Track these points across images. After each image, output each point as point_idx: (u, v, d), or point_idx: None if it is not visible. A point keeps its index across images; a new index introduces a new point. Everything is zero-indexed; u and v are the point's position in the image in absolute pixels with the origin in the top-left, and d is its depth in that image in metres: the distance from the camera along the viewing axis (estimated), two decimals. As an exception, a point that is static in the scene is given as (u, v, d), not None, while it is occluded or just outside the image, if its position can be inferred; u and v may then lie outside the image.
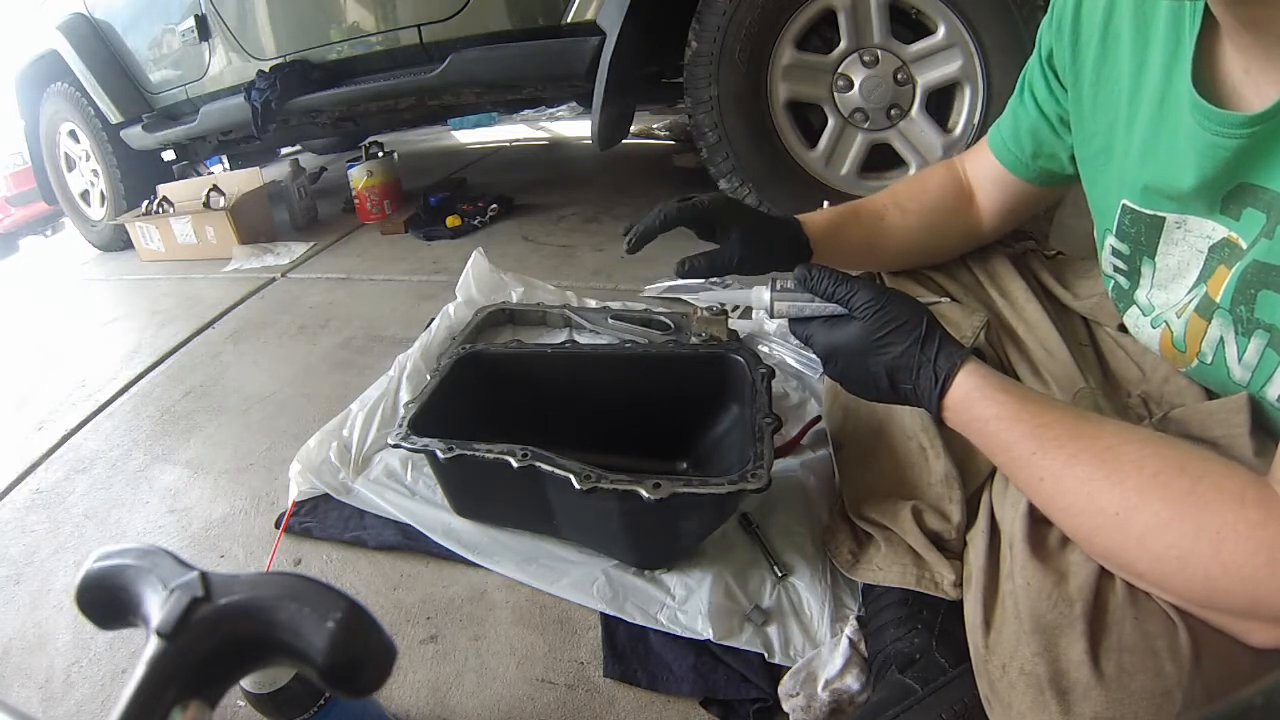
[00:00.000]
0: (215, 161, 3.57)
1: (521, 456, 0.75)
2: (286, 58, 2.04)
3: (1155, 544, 0.44)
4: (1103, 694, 0.46)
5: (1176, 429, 0.56)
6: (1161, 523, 0.43)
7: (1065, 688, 0.48)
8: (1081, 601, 0.48)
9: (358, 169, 2.42)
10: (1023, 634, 0.50)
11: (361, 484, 1.02)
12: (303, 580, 0.31)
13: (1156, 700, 0.45)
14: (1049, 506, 0.50)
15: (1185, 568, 0.43)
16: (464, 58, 1.72)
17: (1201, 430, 0.55)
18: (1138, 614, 0.47)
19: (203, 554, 1.00)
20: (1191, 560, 0.42)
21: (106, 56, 2.49)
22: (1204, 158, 0.49)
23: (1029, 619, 0.50)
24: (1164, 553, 0.43)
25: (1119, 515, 0.45)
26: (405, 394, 1.20)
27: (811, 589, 0.76)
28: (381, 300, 1.77)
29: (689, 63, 1.49)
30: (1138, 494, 0.45)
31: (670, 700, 0.70)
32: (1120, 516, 0.45)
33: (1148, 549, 0.44)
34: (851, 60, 1.41)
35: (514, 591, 0.84)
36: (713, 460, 0.90)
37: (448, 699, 0.74)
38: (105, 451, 1.31)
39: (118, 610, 0.32)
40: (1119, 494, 0.45)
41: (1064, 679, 0.48)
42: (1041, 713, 0.48)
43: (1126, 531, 0.45)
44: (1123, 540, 0.45)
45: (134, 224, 2.49)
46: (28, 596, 0.98)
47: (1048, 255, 0.82)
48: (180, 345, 1.72)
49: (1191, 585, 0.43)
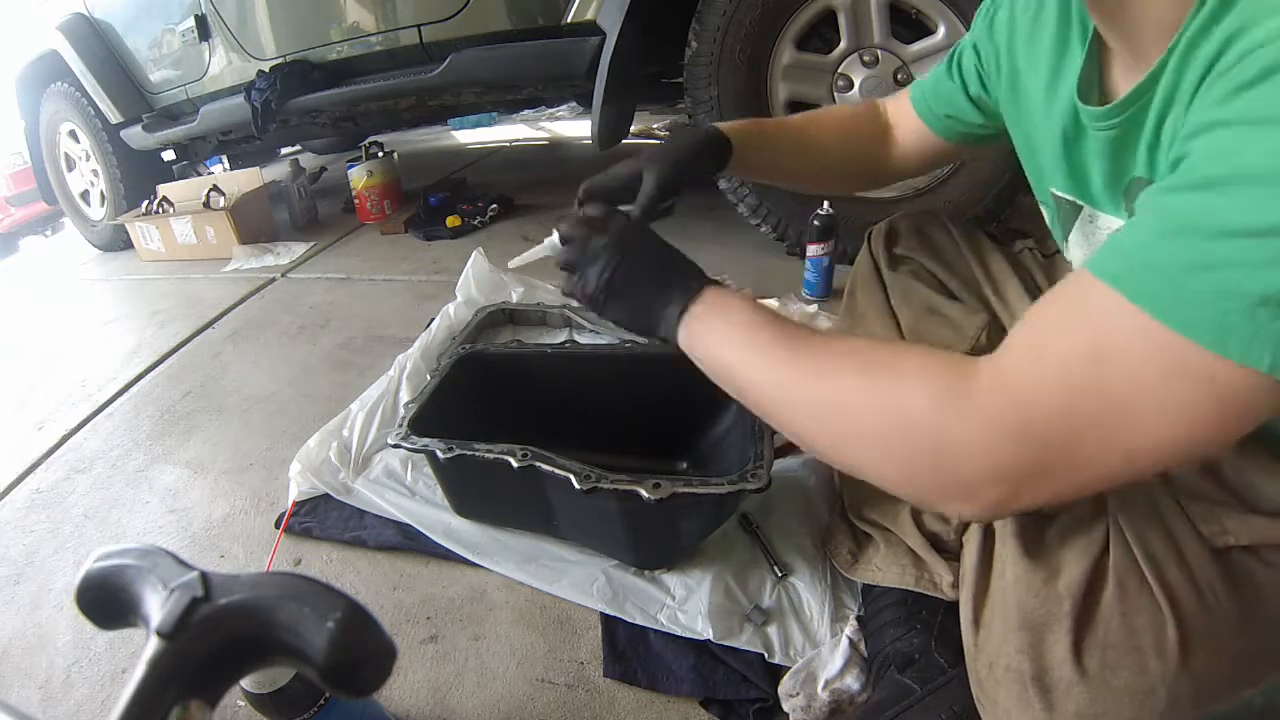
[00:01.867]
0: (215, 161, 3.57)
1: (521, 456, 0.75)
2: (286, 58, 2.04)
3: (853, 421, 0.44)
4: (1085, 691, 0.46)
5: None
6: (855, 398, 0.44)
7: (1048, 685, 0.48)
8: (1071, 599, 0.48)
9: (358, 169, 2.42)
10: (1010, 631, 0.50)
11: (361, 484, 1.02)
12: (303, 580, 0.31)
13: (1140, 697, 0.46)
14: (770, 414, 0.50)
15: (883, 443, 0.43)
16: (464, 58, 1.72)
17: None
18: (1125, 609, 0.47)
19: (203, 554, 1.00)
20: (884, 429, 0.42)
21: (106, 56, 2.49)
22: (1096, 155, 0.52)
23: (1016, 615, 0.50)
24: (862, 430, 0.44)
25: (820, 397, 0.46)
26: (405, 394, 1.20)
27: (811, 589, 0.76)
28: (381, 300, 1.77)
29: (689, 63, 1.49)
30: (835, 373, 0.46)
31: (670, 700, 0.70)
32: (820, 402, 0.46)
33: (850, 428, 0.44)
34: (851, 60, 1.41)
35: (514, 591, 0.84)
36: (713, 460, 0.90)
37: (448, 699, 0.74)
38: (105, 451, 1.31)
39: (118, 610, 0.32)
40: (818, 380, 0.46)
41: (1047, 676, 0.48)
42: (1025, 710, 0.48)
43: (829, 415, 0.45)
44: (832, 425, 0.46)
45: (134, 224, 2.49)
46: (28, 596, 0.98)
47: (1045, 255, 0.82)
48: (180, 345, 1.72)
49: (891, 458, 0.43)
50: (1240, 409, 0.34)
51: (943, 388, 0.41)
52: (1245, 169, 0.32)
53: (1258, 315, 0.31)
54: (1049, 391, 0.38)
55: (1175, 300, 0.33)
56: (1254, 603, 0.47)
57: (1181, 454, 0.36)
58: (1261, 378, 0.32)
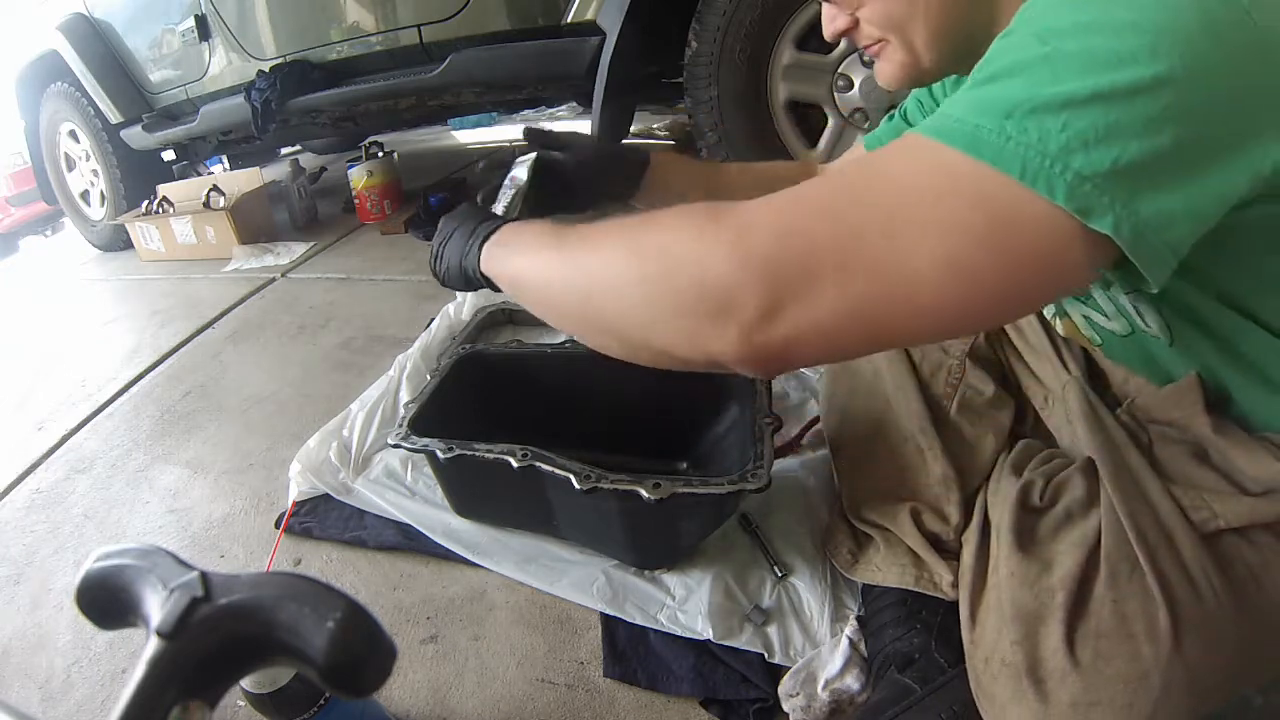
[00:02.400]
0: (215, 161, 3.56)
1: (521, 456, 0.75)
2: (286, 58, 2.04)
3: (616, 273, 0.44)
4: (1078, 680, 0.47)
5: (1142, 415, 0.57)
6: (617, 253, 0.45)
7: (1042, 676, 0.48)
8: (1064, 591, 0.49)
9: (358, 169, 2.42)
10: (1004, 624, 0.51)
11: (361, 484, 1.02)
12: (303, 580, 0.31)
13: (1133, 683, 0.46)
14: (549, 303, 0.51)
15: (644, 287, 0.42)
16: (464, 58, 1.72)
17: (1161, 413, 0.55)
18: (1117, 596, 0.47)
19: (203, 554, 1.00)
20: (644, 271, 0.42)
21: (106, 56, 2.49)
22: None
23: (1010, 607, 0.51)
24: (624, 278, 0.43)
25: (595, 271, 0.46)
26: (405, 394, 1.20)
27: (811, 589, 0.76)
28: (381, 300, 1.77)
29: (689, 63, 1.49)
30: (600, 241, 0.46)
31: (670, 700, 0.70)
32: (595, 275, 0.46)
33: (614, 280, 0.44)
34: (851, 60, 1.41)
35: (514, 591, 0.84)
36: (713, 460, 0.90)
37: (448, 699, 0.74)
38: (105, 451, 1.31)
39: (118, 610, 0.32)
40: (584, 252, 0.47)
41: (1041, 668, 0.48)
42: (1021, 703, 0.49)
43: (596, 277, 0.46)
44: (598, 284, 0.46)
45: (134, 224, 2.49)
46: (28, 596, 0.98)
47: None
48: (180, 345, 1.72)
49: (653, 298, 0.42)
50: (1013, 235, 0.34)
51: (700, 218, 0.41)
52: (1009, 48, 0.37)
53: (1005, 126, 0.34)
54: (810, 198, 0.39)
55: (954, 125, 0.36)
56: (1252, 592, 0.47)
57: (956, 283, 0.35)
58: (1033, 200, 0.33)
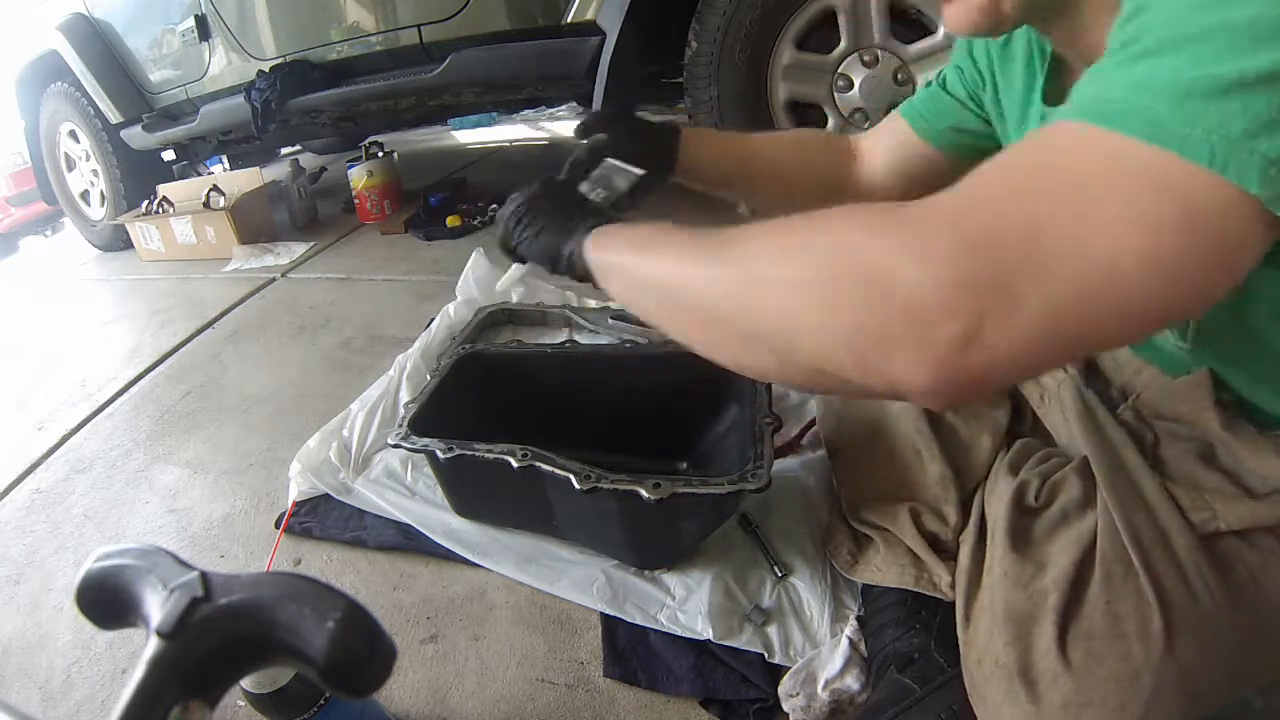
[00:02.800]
0: (215, 161, 3.56)
1: (521, 456, 0.75)
2: (286, 58, 2.04)
3: (778, 275, 0.38)
4: (1070, 681, 0.47)
5: (1148, 412, 0.57)
6: (777, 253, 0.39)
7: (1034, 678, 0.48)
8: (1057, 593, 0.49)
9: (358, 169, 2.42)
10: (997, 625, 0.51)
11: (361, 484, 1.02)
12: (303, 580, 0.31)
13: (1124, 683, 0.46)
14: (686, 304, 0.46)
15: (812, 293, 0.36)
16: (464, 58, 1.72)
17: (1169, 407, 0.55)
18: (1110, 598, 0.47)
19: (203, 554, 1.00)
20: (812, 276, 0.36)
21: (106, 56, 2.49)
22: None
23: (1003, 608, 0.51)
24: (789, 281, 0.37)
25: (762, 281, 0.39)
26: (405, 394, 1.20)
27: (811, 589, 0.76)
28: (381, 300, 1.77)
29: (689, 63, 1.49)
30: (752, 239, 0.41)
31: (670, 700, 0.70)
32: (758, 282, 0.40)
33: (775, 284, 0.38)
34: (851, 60, 1.41)
35: (514, 591, 0.84)
36: (713, 460, 0.90)
37: (448, 699, 0.74)
38: (105, 451, 1.31)
39: (118, 610, 0.32)
40: (733, 247, 0.42)
41: (1032, 669, 0.48)
42: (1013, 704, 0.49)
43: (751, 280, 0.40)
44: (755, 289, 0.40)
45: (134, 224, 2.49)
46: (28, 596, 0.98)
47: None
48: (180, 345, 1.72)
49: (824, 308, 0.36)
50: (1206, 224, 0.30)
51: (874, 218, 0.36)
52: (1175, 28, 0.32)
53: (1184, 109, 0.30)
54: (991, 197, 0.34)
55: (1121, 109, 0.32)
56: (1251, 594, 0.47)
57: (1159, 279, 0.31)
58: (1222, 186, 0.30)
